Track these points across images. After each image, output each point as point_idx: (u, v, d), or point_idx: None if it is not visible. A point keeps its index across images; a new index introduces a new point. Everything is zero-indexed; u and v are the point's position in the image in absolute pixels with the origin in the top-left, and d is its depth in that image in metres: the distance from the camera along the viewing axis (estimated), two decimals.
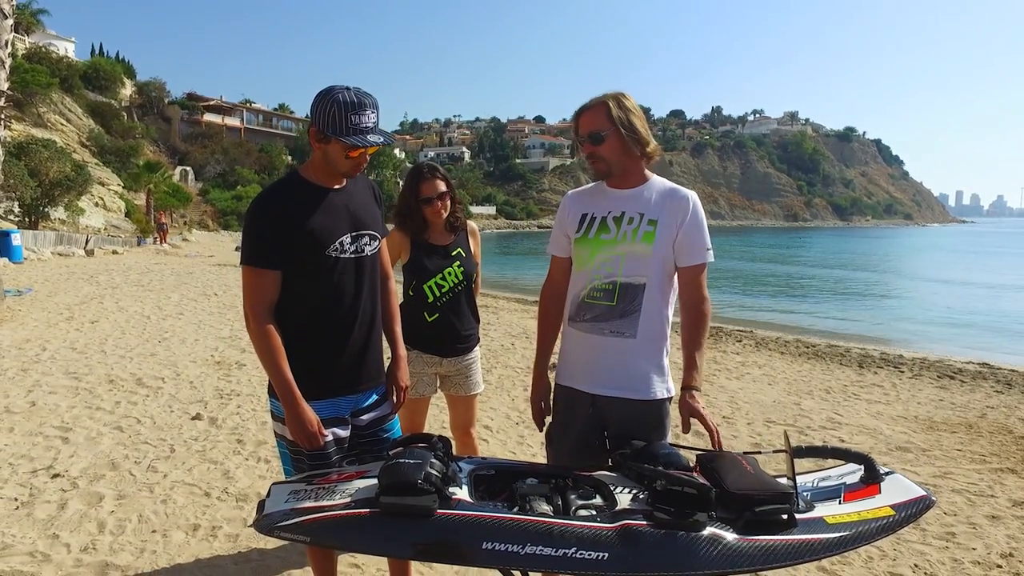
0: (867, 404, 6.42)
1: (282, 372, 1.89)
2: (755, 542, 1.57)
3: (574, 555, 1.49)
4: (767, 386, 7.03)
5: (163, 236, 27.93)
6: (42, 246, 18.83)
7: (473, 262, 3.05)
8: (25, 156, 20.75)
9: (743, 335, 11.61)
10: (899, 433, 5.34)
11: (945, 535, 3.37)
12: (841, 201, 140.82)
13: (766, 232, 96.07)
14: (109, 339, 7.66)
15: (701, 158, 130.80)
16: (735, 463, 1.78)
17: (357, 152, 1.91)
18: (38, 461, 3.92)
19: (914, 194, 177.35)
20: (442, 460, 1.68)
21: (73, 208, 23.70)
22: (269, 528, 1.61)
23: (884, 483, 1.84)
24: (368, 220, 2.06)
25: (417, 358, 2.93)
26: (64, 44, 49.50)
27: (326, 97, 1.87)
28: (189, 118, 55.45)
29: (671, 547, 1.53)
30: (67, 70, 39.87)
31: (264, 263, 1.90)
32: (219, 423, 4.75)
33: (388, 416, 2.18)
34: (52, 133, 30.28)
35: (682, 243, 2.04)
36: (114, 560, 2.82)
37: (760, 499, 1.62)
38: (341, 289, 1.99)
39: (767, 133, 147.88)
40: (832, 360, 9.31)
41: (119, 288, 12.52)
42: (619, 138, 2.03)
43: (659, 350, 2.10)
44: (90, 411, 4.93)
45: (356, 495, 1.64)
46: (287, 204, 1.91)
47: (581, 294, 2.11)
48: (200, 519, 3.22)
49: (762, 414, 5.75)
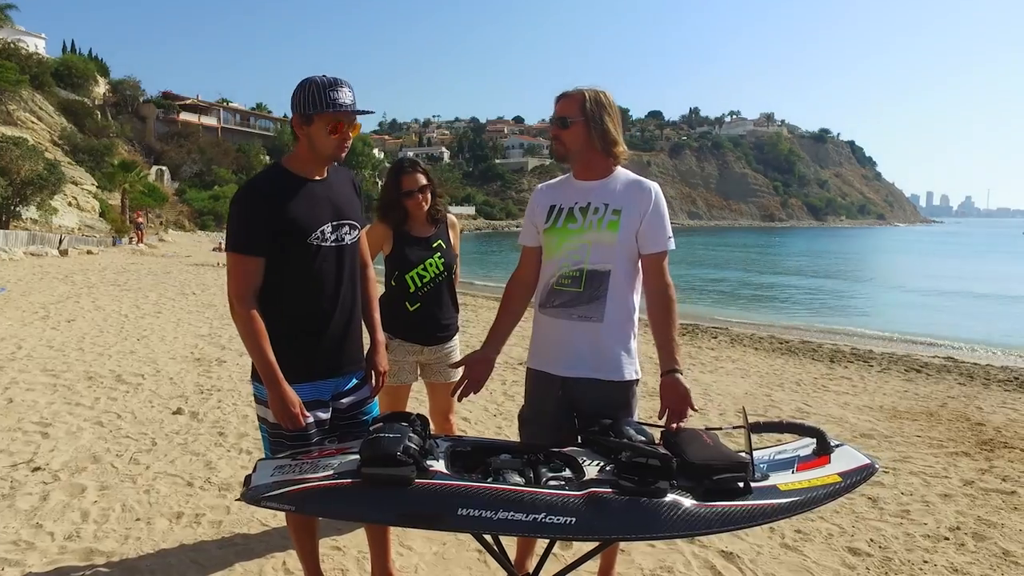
0: (835, 395, 6.63)
1: (265, 355, 1.97)
2: (713, 507, 1.69)
3: (544, 520, 1.60)
4: (740, 379, 7.22)
5: (140, 236, 27.54)
6: (13, 246, 18.51)
7: (453, 253, 3.16)
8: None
9: (718, 331, 11.85)
10: (864, 421, 5.54)
11: (900, 512, 3.54)
12: (816, 201, 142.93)
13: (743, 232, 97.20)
14: (87, 337, 7.62)
15: (679, 158, 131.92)
16: (696, 437, 1.91)
17: (339, 129, 1.99)
18: (18, 456, 3.94)
19: (887, 195, 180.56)
20: (420, 435, 1.78)
21: (46, 208, 23.30)
22: (256, 499, 1.70)
23: (834, 454, 1.97)
24: (349, 210, 2.15)
25: (399, 346, 3.02)
26: (34, 40, 48.41)
27: (304, 83, 1.99)
28: (165, 117, 54.58)
29: (635, 512, 1.65)
30: (38, 67, 39.03)
31: (249, 250, 1.98)
32: (200, 417, 4.78)
33: (367, 400, 2.27)
34: (23, 131, 29.68)
35: (645, 232, 2.14)
36: (99, 547, 2.87)
37: (718, 468, 1.74)
38: (323, 276, 2.08)
39: (744, 134, 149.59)
40: (804, 355, 9.55)
41: (95, 287, 12.39)
42: (584, 128, 2.13)
43: (626, 333, 2.19)
44: (69, 407, 4.93)
45: (339, 468, 1.74)
46: (271, 194, 2.00)
47: (550, 281, 2.21)
48: (183, 507, 3.28)
49: (734, 405, 5.91)
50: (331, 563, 2.77)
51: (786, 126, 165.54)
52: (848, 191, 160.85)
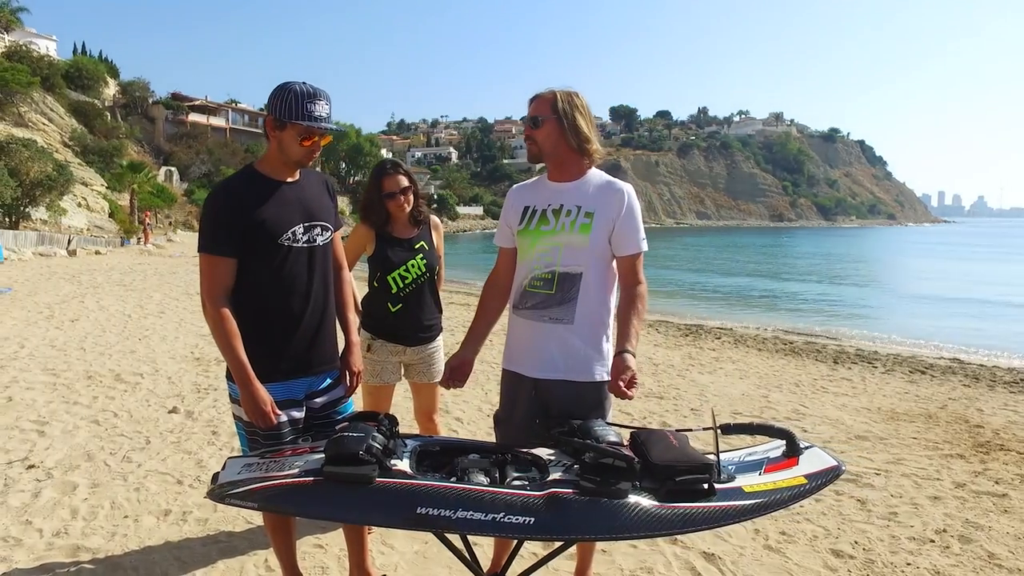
0: (833, 397, 6.60)
1: (237, 354, 2.00)
2: (675, 508, 1.70)
3: (502, 519, 1.61)
4: (738, 380, 7.20)
5: (147, 236, 27.75)
6: (23, 246, 18.70)
7: (436, 255, 3.17)
8: (5, 156, 20.58)
9: (722, 332, 11.80)
10: (860, 423, 5.51)
11: (888, 515, 3.53)
12: (825, 201, 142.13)
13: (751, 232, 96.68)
14: (89, 337, 7.70)
15: (687, 158, 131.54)
16: (663, 438, 1.91)
17: (311, 140, 2.04)
18: (13, 453, 3.99)
19: (897, 194, 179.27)
20: (385, 435, 1.80)
21: (55, 208, 23.51)
22: (221, 496, 1.72)
23: (803, 456, 1.97)
24: (320, 212, 2.18)
25: (382, 347, 3.04)
26: (45, 43, 48.93)
27: (283, 88, 2.02)
28: (174, 118, 54.94)
29: (594, 513, 1.66)
30: (48, 69, 39.39)
31: (219, 251, 2.02)
32: (195, 416, 4.83)
33: (341, 399, 2.30)
34: (33, 133, 30.00)
35: (619, 235, 2.15)
36: (85, 543, 2.91)
37: (681, 469, 1.75)
38: (293, 276, 2.11)
39: (752, 134, 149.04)
40: (808, 356, 9.50)
41: (101, 287, 12.50)
42: (556, 127, 2.14)
43: (598, 335, 2.19)
44: (67, 406, 4.99)
45: (304, 466, 1.76)
46: (242, 196, 2.03)
47: (523, 283, 2.23)
48: (172, 505, 3.32)
49: (729, 406, 5.90)
50: (312, 561, 2.80)
51: (795, 126, 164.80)
52: (858, 191, 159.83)
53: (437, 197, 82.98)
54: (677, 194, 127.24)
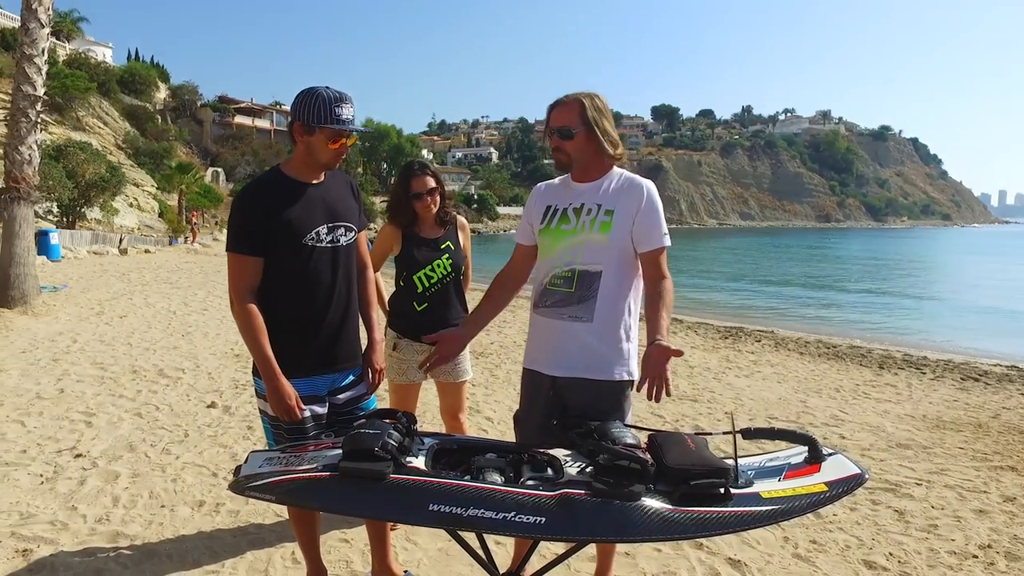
0: (875, 403, 6.41)
1: (262, 350, 2.07)
2: (688, 512, 1.68)
3: (513, 519, 1.63)
4: (776, 384, 7.06)
5: (193, 235, 28.66)
6: (78, 245, 19.53)
7: (462, 255, 3.20)
8: (63, 158, 21.52)
9: (763, 335, 11.55)
10: (902, 431, 5.34)
11: (928, 527, 3.41)
12: (875, 201, 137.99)
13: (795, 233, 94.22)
14: (135, 333, 8.00)
15: (730, 158, 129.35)
16: (680, 441, 1.90)
17: (339, 143, 2.10)
18: (63, 442, 4.19)
19: (953, 194, 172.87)
20: (402, 432, 1.83)
21: (108, 208, 24.50)
22: (241, 488, 1.79)
23: (825, 463, 1.93)
24: (344, 212, 2.23)
25: (407, 346, 3.08)
26: (102, 50, 51.07)
27: (310, 93, 2.07)
28: (220, 120, 56.58)
29: (605, 515, 1.66)
30: (105, 75, 41.13)
31: (245, 250, 2.09)
32: (232, 411, 4.97)
33: (364, 396, 2.35)
34: (90, 136, 31.30)
35: (639, 230, 2.15)
36: (124, 530, 3.04)
37: (696, 473, 1.73)
38: (317, 275, 2.16)
39: (798, 132, 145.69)
40: (852, 361, 9.23)
41: (148, 285, 12.97)
42: (588, 137, 2.14)
43: (617, 334, 2.19)
44: (113, 398, 5.20)
45: (322, 461, 1.81)
46: (267, 197, 2.10)
47: (544, 281, 2.24)
48: (206, 496, 3.43)
49: (765, 411, 5.79)
50: (337, 555, 2.86)
51: (844, 124, 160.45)
52: (910, 190, 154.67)
53: (477, 197, 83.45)
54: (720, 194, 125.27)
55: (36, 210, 11.53)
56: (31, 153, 9.28)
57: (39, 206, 16.67)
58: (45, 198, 19.26)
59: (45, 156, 17.64)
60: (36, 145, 9.44)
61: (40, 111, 9.44)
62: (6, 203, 9.11)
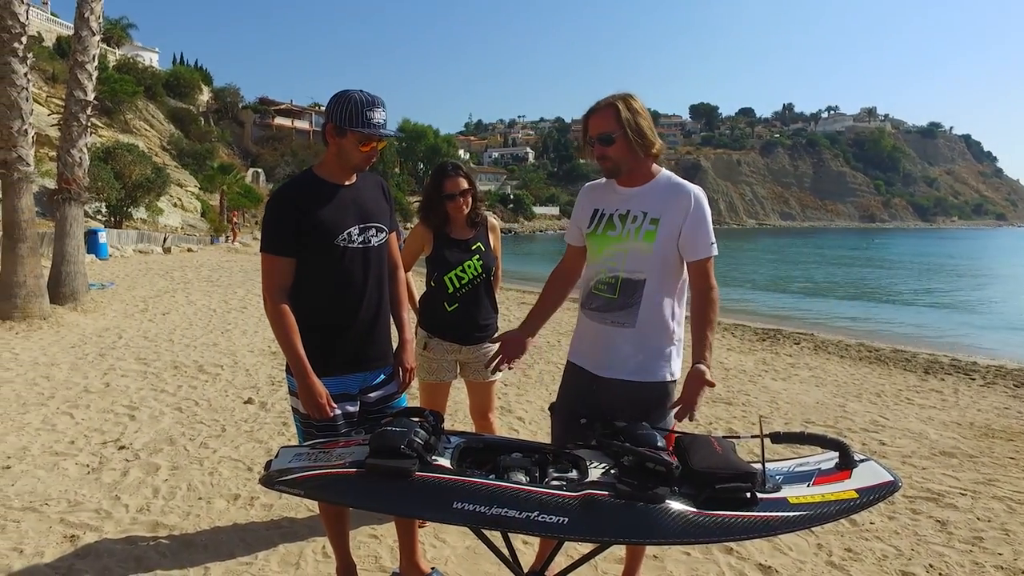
0: (919, 409, 6.22)
1: (295, 348, 2.12)
2: (713, 516, 1.67)
3: (536, 518, 1.64)
4: (813, 387, 6.91)
5: (234, 235, 29.38)
6: (125, 244, 20.21)
7: (493, 256, 3.23)
8: (111, 160, 22.32)
9: (802, 337, 11.31)
10: (946, 438, 5.18)
11: (972, 539, 3.31)
12: (923, 201, 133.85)
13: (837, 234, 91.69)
14: (177, 329, 8.25)
15: (771, 157, 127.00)
16: (706, 444, 1.89)
17: (369, 146, 2.14)
18: (108, 434, 4.36)
19: (1009, 192, 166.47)
20: (428, 431, 1.86)
21: (153, 208, 25.32)
22: (271, 482, 1.84)
23: (856, 469, 1.89)
24: (376, 213, 2.27)
25: (438, 345, 3.12)
26: (149, 55, 52.80)
27: (343, 96, 2.11)
28: (261, 121, 57.92)
29: (628, 516, 1.66)
30: (151, 79, 42.56)
31: (278, 251, 2.15)
32: (268, 407, 5.10)
33: (395, 395, 2.40)
34: (137, 138, 32.40)
35: (687, 239, 2.15)
36: (164, 520, 3.15)
37: (721, 477, 1.72)
38: (349, 276, 2.21)
39: (842, 130, 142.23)
40: (895, 365, 8.96)
41: (190, 283, 13.35)
42: (627, 140, 2.15)
43: (660, 341, 2.22)
44: (155, 393, 5.38)
45: (350, 458, 1.85)
46: (300, 199, 2.15)
47: (590, 284, 2.29)
48: (241, 490, 3.53)
49: (802, 415, 5.68)
50: (367, 550, 2.91)
51: (890, 121, 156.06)
52: (961, 189, 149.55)
53: (513, 197, 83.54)
54: (760, 194, 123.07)
55: (86, 210, 11.99)
56: (82, 156, 9.65)
57: (88, 206, 17.33)
58: (94, 198, 20.00)
59: (94, 158, 18.35)
60: (86, 148, 9.83)
61: (90, 115, 9.81)
62: (58, 203, 9.51)
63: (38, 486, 3.51)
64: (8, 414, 4.72)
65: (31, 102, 8.43)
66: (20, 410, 4.82)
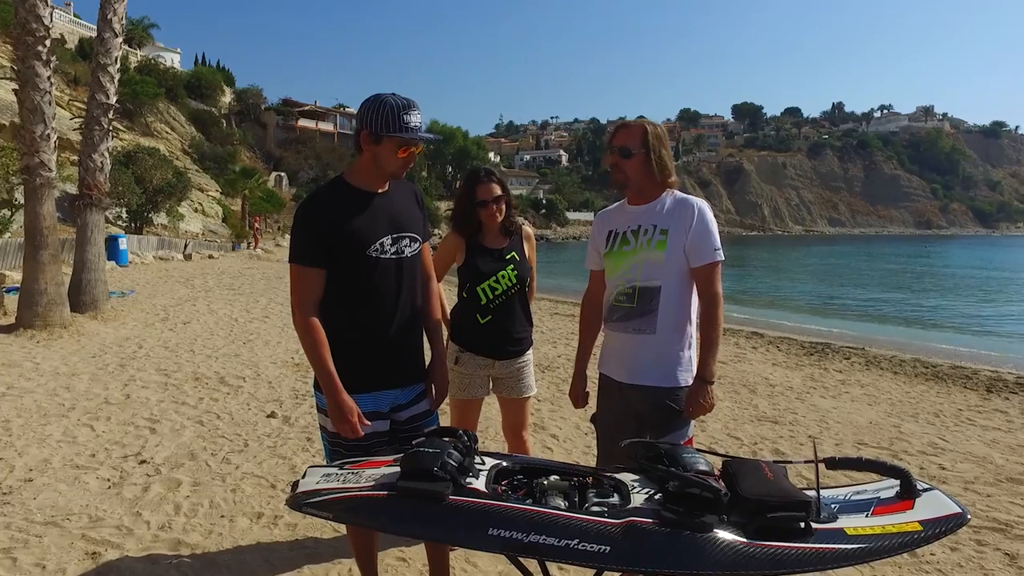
0: (982, 430, 6.05)
1: (325, 364, 2.14)
2: (764, 547, 1.65)
3: (576, 546, 1.64)
4: (866, 406, 6.77)
5: (256, 241, 29.92)
6: (145, 250, 20.74)
7: (527, 266, 3.22)
8: (132, 164, 22.95)
9: (852, 352, 11.08)
10: (1014, 463, 5.02)
11: None
12: (985, 206, 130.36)
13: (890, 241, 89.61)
14: (198, 339, 8.43)
15: (818, 159, 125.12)
16: (756, 470, 1.86)
17: (407, 152, 2.16)
18: (128, 448, 4.46)
19: None
20: (462, 452, 1.87)
21: (174, 213, 25.93)
22: (298, 504, 1.86)
23: (920, 499, 1.85)
24: (409, 223, 2.29)
25: (470, 360, 3.13)
26: (171, 55, 54.26)
27: (377, 101, 2.14)
28: (284, 124, 58.95)
29: (674, 546, 1.64)
30: (172, 80, 43.69)
31: (309, 262, 2.16)
32: (292, 422, 5.17)
33: (427, 413, 2.40)
34: (157, 141, 33.26)
35: (692, 246, 2.42)
36: (185, 539, 3.21)
37: (773, 505, 1.70)
38: (382, 288, 2.22)
39: (896, 131, 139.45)
40: (954, 383, 8.73)
41: (212, 292, 13.62)
42: (645, 160, 2.45)
43: (679, 344, 2.47)
44: (176, 405, 5.50)
45: (380, 479, 1.86)
46: (331, 207, 2.17)
47: (610, 299, 2.58)
48: (264, 508, 3.58)
49: (854, 435, 5.57)
50: (394, 573, 2.93)
51: (948, 120, 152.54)
52: None
53: (546, 202, 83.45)
54: (807, 198, 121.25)
55: (106, 215, 12.32)
56: (103, 160, 9.94)
57: (109, 212, 17.82)
58: (115, 204, 20.56)
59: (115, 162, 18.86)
60: (108, 152, 10.11)
61: (112, 119, 10.10)
62: (79, 210, 9.79)
63: (59, 500, 3.61)
64: (30, 425, 4.87)
65: (54, 106, 8.72)
66: (41, 421, 4.97)
